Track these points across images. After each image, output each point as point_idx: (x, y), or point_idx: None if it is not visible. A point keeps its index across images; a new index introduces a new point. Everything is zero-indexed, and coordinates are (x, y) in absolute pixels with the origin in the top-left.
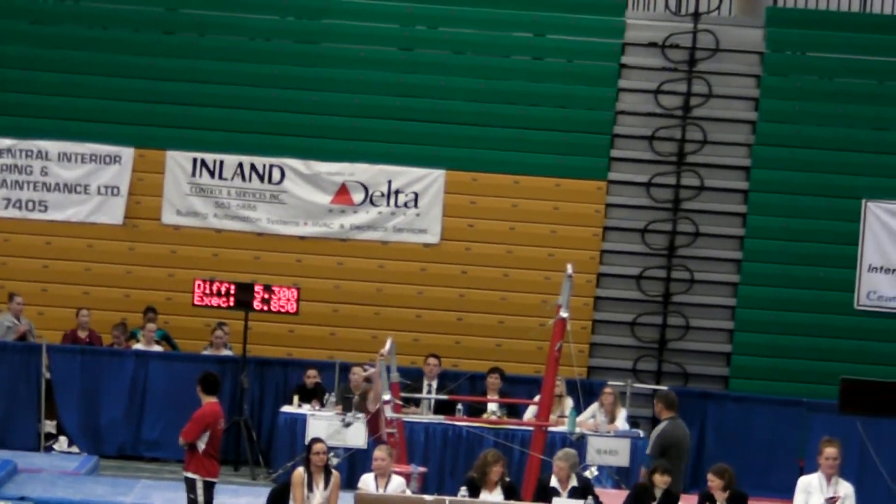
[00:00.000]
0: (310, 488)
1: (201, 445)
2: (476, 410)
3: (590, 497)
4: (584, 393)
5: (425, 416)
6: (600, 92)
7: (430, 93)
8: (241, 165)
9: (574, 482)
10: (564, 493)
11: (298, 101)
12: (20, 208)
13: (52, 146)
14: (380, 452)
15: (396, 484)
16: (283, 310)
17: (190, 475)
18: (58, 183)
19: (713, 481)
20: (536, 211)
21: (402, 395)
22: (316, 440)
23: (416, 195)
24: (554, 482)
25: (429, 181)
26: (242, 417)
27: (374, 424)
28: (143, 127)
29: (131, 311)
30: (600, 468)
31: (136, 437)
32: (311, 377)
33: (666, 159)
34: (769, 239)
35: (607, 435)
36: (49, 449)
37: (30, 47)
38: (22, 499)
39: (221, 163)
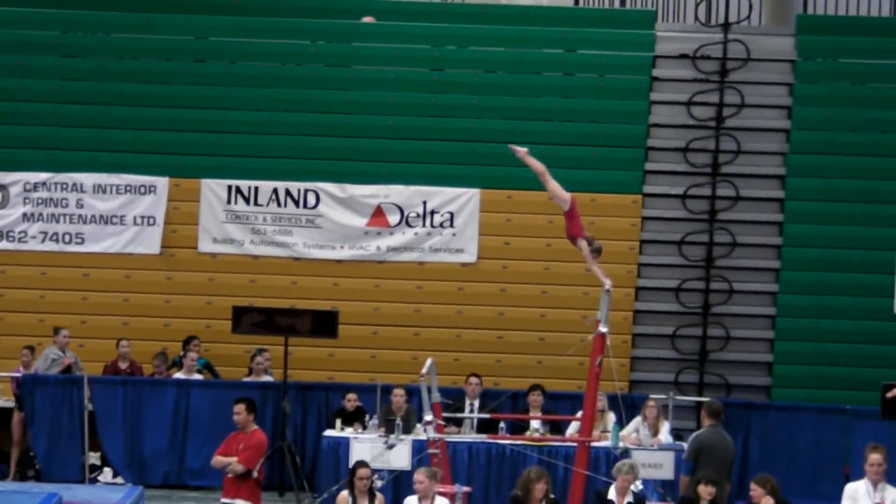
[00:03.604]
0: None
1: (255, 473)
2: (519, 428)
3: None
4: (627, 407)
5: (468, 436)
6: (633, 106)
7: (462, 112)
8: (275, 191)
9: (630, 497)
10: None
11: (331, 124)
12: (57, 241)
13: (87, 178)
14: (419, 475)
15: None
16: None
17: (242, 502)
18: (93, 215)
19: (755, 490)
20: None
21: (445, 415)
22: (359, 464)
23: (452, 215)
24: (612, 494)
25: (464, 200)
26: (285, 443)
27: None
28: (177, 156)
29: (171, 341)
30: (645, 482)
31: (181, 466)
32: (351, 400)
33: (700, 171)
34: (807, 247)
35: (651, 448)
36: (94, 480)
37: (62, 80)
38: None
39: (256, 189)
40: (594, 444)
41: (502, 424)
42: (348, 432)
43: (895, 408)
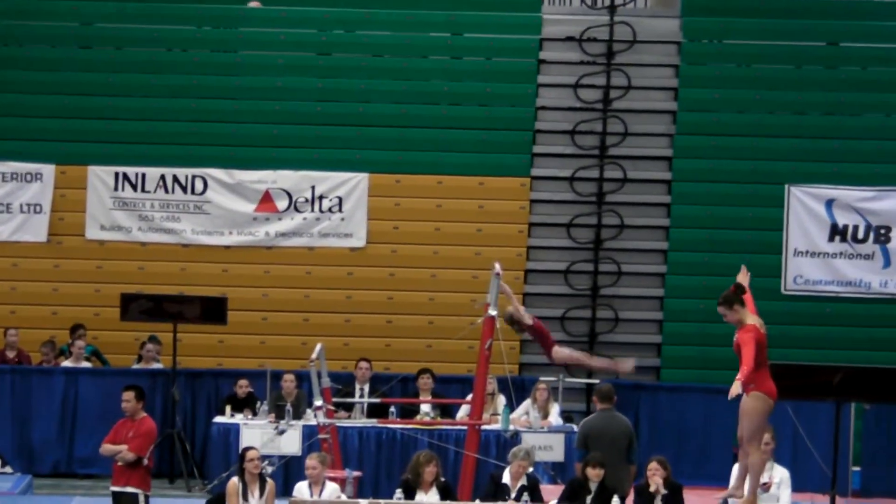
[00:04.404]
0: (245, 498)
1: (145, 461)
2: (409, 412)
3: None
4: (517, 389)
5: (358, 421)
6: (520, 89)
7: (350, 97)
8: (163, 177)
9: (524, 481)
10: (514, 491)
11: (218, 110)
12: None
13: None
14: (311, 461)
15: (331, 490)
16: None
17: (132, 490)
18: None
19: (658, 470)
20: (461, 210)
21: (335, 400)
22: (249, 448)
23: (341, 200)
24: (506, 478)
25: (352, 185)
26: (175, 430)
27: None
28: (64, 143)
29: (59, 329)
30: (536, 464)
31: (70, 455)
32: (243, 387)
33: (588, 153)
34: (694, 228)
35: (541, 431)
36: None
37: None
38: None
39: (143, 176)
40: (484, 427)
41: (392, 409)
42: (238, 418)
43: (782, 387)
